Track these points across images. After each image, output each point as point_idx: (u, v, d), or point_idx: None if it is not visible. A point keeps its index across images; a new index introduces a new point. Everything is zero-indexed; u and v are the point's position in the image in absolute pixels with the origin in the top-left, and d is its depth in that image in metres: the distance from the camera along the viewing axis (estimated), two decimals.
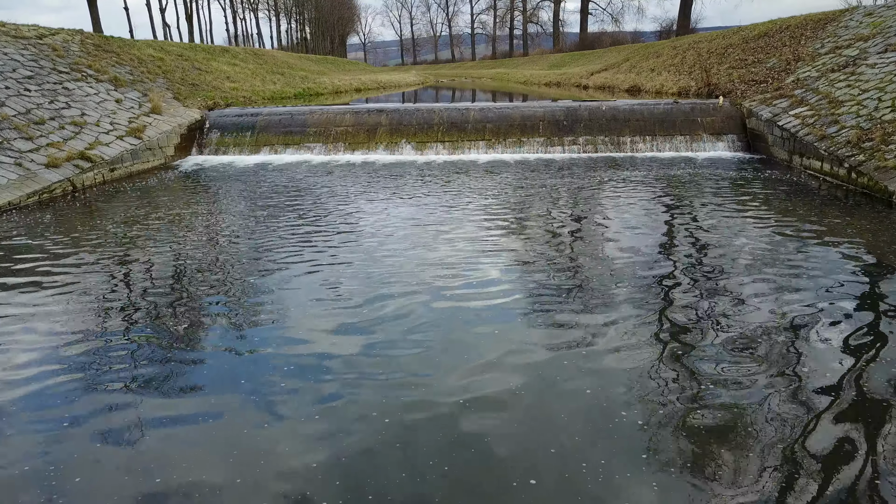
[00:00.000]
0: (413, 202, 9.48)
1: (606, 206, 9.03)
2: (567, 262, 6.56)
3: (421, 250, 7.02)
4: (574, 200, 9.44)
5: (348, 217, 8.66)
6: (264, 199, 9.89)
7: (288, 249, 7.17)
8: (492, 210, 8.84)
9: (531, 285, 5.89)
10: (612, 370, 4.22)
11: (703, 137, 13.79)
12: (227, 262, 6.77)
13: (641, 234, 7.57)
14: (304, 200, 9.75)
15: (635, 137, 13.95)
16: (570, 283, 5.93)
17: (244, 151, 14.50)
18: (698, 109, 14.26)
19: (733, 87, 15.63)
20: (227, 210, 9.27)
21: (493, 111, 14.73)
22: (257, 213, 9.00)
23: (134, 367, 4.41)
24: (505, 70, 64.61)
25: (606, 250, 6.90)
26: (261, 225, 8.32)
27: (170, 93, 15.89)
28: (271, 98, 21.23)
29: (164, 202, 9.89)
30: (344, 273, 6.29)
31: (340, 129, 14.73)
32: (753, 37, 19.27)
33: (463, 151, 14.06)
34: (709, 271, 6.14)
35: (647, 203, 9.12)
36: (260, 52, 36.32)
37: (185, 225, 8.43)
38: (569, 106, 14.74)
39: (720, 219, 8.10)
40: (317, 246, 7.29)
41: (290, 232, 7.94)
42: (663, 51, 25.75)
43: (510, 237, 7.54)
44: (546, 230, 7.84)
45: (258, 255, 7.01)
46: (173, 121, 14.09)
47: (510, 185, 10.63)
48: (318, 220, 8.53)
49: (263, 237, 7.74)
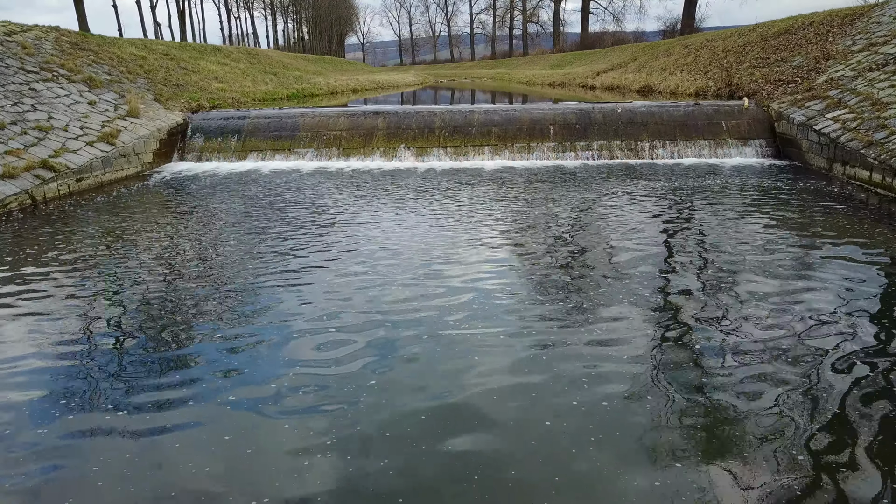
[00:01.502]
0: (413, 219, 8.36)
1: (627, 225, 7.90)
2: (584, 294, 5.46)
3: (422, 275, 5.96)
4: (591, 218, 8.31)
5: (341, 236, 7.54)
6: (248, 214, 8.77)
7: (274, 272, 6.15)
8: (500, 231, 7.72)
9: (541, 319, 4.82)
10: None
11: (729, 142, 12.68)
12: (203, 290, 5.70)
13: (671, 262, 6.45)
14: (292, 215, 8.63)
15: (654, 142, 12.84)
16: (587, 318, 4.82)
17: (230, 158, 13.38)
18: (722, 112, 13.15)
19: (757, 87, 14.52)
20: (205, 227, 8.14)
21: (499, 113, 13.62)
22: (240, 230, 7.88)
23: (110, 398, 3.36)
24: (505, 70, 63.52)
25: (630, 281, 5.79)
26: (243, 245, 7.21)
27: (151, 94, 14.77)
28: (262, 99, 20.11)
29: (135, 216, 8.77)
30: (337, 299, 5.54)
31: (334, 134, 13.61)
32: (773, 34, 18.17)
33: (467, 157, 12.94)
34: (753, 306, 5.04)
35: (674, 222, 8.00)
36: (254, 52, 35.20)
37: (158, 243, 7.33)
38: (581, 108, 13.63)
39: (761, 240, 6.98)
40: (307, 267, 6.38)
41: (276, 253, 6.86)
42: (674, 49, 24.64)
43: (521, 264, 6.43)
44: (559, 257, 6.71)
45: (240, 279, 5.92)
46: (152, 124, 12.96)
47: (519, 198, 9.51)
48: (308, 239, 7.46)
49: (246, 259, 6.64)
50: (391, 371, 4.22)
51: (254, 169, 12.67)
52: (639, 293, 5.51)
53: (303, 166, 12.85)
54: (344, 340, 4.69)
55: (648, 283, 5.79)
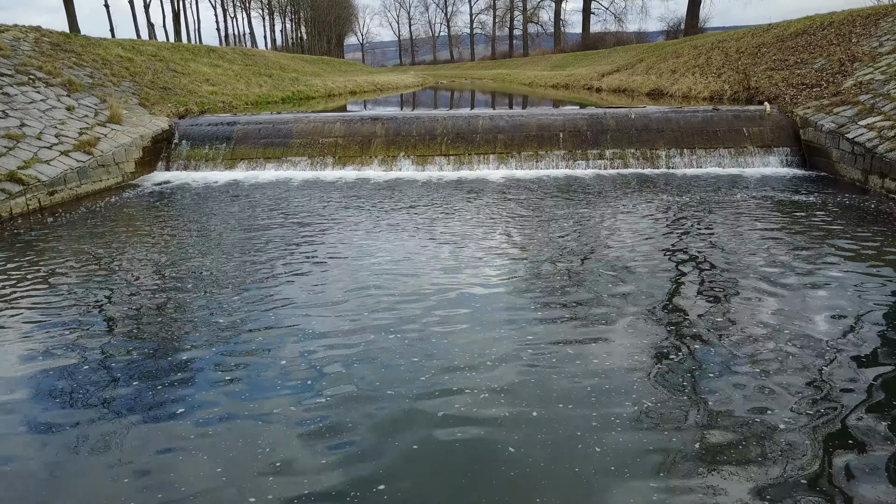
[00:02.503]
0: (414, 237, 7.54)
1: (645, 250, 7.07)
2: (593, 321, 4.68)
3: (421, 295, 5.43)
4: (605, 240, 7.48)
5: (335, 256, 6.73)
6: (235, 231, 7.95)
7: (262, 296, 5.49)
8: (507, 255, 6.90)
9: (547, 345, 4.05)
10: None
11: (751, 150, 11.86)
12: (187, 314, 5.05)
13: (690, 292, 5.63)
14: (283, 232, 7.81)
15: (671, 150, 12.03)
16: (596, 348, 4.03)
17: (218, 166, 12.56)
18: (743, 117, 12.34)
19: (778, 91, 13.72)
20: (187, 245, 7.31)
21: (505, 119, 12.81)
22: (224, 250, 7.06)
23: None
24: (506, 71, 62.73)
25: (645, 311, 4.99)
26: (228, 267, 6.40)
27: (135, 98, 13.95)
28: (255, 103, 19.27)
29: (111, 233, 7.96)
30: (332, 317, 5.26)
31: (329, 141, 12.79)
32: (790, 35, 17.36)
33: (471, 167, 12.12)
34: (783, 345, 4.24)
35: (698, 246, 7.17)
36: (250, 52, 34.38)
37: (135, 263, 6.58)
38: (592, 113, 12.81)
39: (798, 268, 6.15)
40: (300, 286, 5.90)
41: (265, 275, 6.07)
42: (683, 51, 23.81)
43: (528, 288, 5.66)
44: (570, 281, 5.89)
45: (226, 305, 5.19)
46: (135, 131, 12.14)
47: (527, 216, 8.70)
48: (300, 258, 6.69)
49: (232, 282, 5.86)
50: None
51: (243, 179, 11.85)
52: (654, 326, 4.73)
53: (295, 176, 12.03)
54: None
55: (664, 315, 4.98)
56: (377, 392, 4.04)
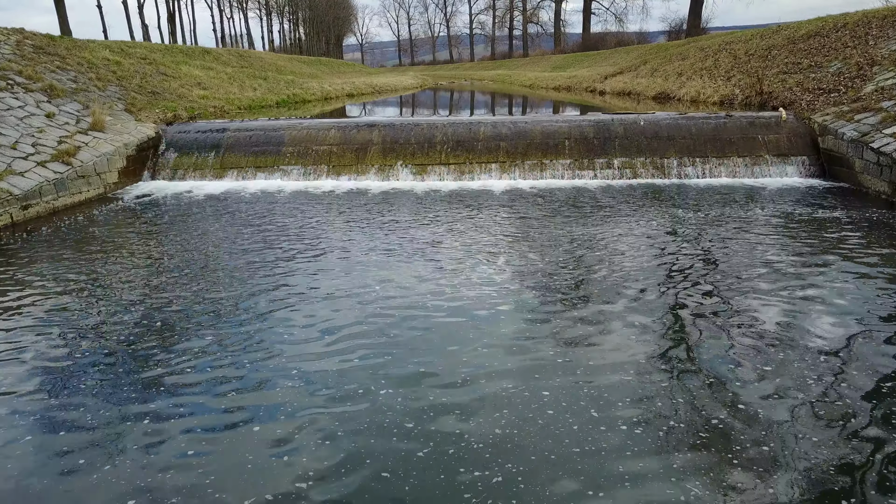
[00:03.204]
0: (411, 258, 6.93)
1: (659, 273, 6.48)
2: (599, 348, 4.08)
3: (418, 327, 4.95)
4: (617, 261, 6.88)
5: (328, 273, 6.15)
6: (218, 249, 7.35)
7: (248, 325, 5.04)
8: (512, 276, 6.31)
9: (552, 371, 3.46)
10: None
11: (767, 159, 11.27)
12: (161, 352, 4.48)
13: (704, 323, 5.04)
14: (272, 249, 7.22)
15: (683, 159, 11.43)
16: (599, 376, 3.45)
17: (207, 176, 11.96)
18: (758, 124, 11.74)
19: (794, 96, 13.12)
20: (167, 266, 6.71)
21: (508, 126, 12.21)
22: (207, 271, 6.46)
23: None
24: (506, 72, 62.12)
25: (657, 339, 4.40)
26: (215, 286, 5.82)
27: (121, 103, 13.34)
28: (248, 107, 18.66)
29: (85, 252, 7.37)
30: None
31: (323, 149, 12.19)
32: (801, 36, 16.77)
33: (472, 177, 11.53)
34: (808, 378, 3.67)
35: (718, 270, 6.58)
36: (246, 54, 33.77)
37: (105, 288, 6.04)
38: (599, 119, 12.22)
39: (829, 299, 5.57)
40: (291, 306, 5.54)
41: (250, 302, 5.50)
42: (689, 52, 23.20)
43: (533, 314, 5.06)
44: (578, 308, 5.30)
45: (207, 334, 4.64)
46: (118, 139, 11.54)
47: (531, 232, 8.11)
48: (290, 276, 6.20)
49: (218, 302, 5.29)
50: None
51: (233, 189, 11.25)
52: (666, 362, 4.14)
53: (287, 186, 11.43)
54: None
55: (677, 352, 4.38)
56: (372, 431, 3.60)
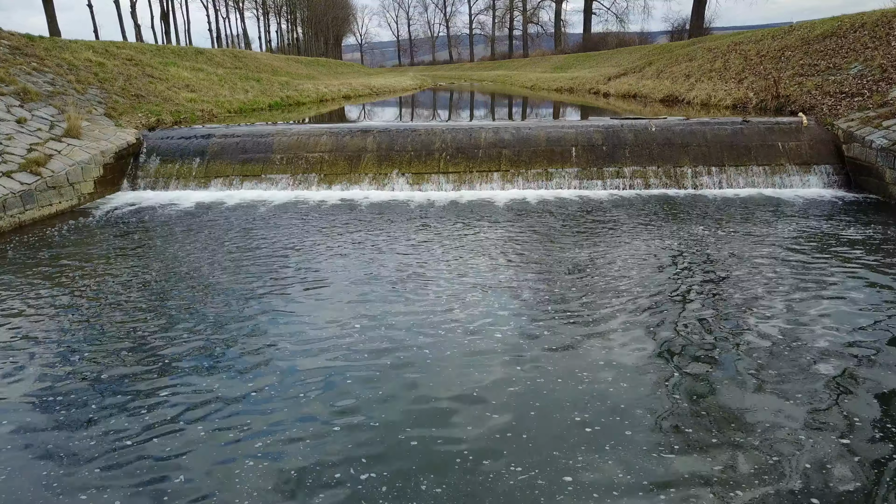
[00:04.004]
0: (407, 279, 6.21)
1: (673, 301, 5.76)
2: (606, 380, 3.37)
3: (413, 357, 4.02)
4: (627, 285, 6.16)
5: (318, 301, 5.42)
6: (199, 268, 6.62)
7: (230, 355, 4.37)
8: (514, 304, 5.58)
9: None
10: None
11: (787, 168, 10.55)
12: (130, 383, 3.82)
13: (736, 363, 4.32)
14: (255, 267, 6.49)
15: (698, 167, 10.71)
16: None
17: (190, 185, 11.23)
18: (777, 130, 11.02)
19: (813, 100, 12.40)
20: (140, 288, 5.99)
21: (511, 132, 11.49)
22: (186, 294, 5.73)
23: None
24: (506, 72, 61.42)
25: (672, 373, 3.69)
26: (195, 311, 5.09)
27: (102, 107, 12.61)
28: (239, 110, 17.92)
29: (50, 272, 6.64)
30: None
31: (314, 156, 11.46)
32: (816, 37, 16.04)
33: (472, 186, 10.80)
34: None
35: (739, 298, 5.85)
36: (241, 54, 33.03)
37: (70, 314, 5.33)
38: (608, 125, 11.49)
39: (867, 333, 4.86)
40: (276, 345, 4.78)
41: (232, 329, 4.80)
42: (696, 53, 22.47)
43: (537, 342, 4.33)
44: (588, 335, 4.58)
45: (185, 363, 3.90)
46: (95, 146, 10.81)
47: (536, 250, 7.38)
48: (276, 300, 5.44)
49: (193, 337, 4.58)
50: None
51: (217, 200, 10.52)
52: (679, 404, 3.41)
53: (275, 196, 10.70)
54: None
55: (693, 399, 3.66)
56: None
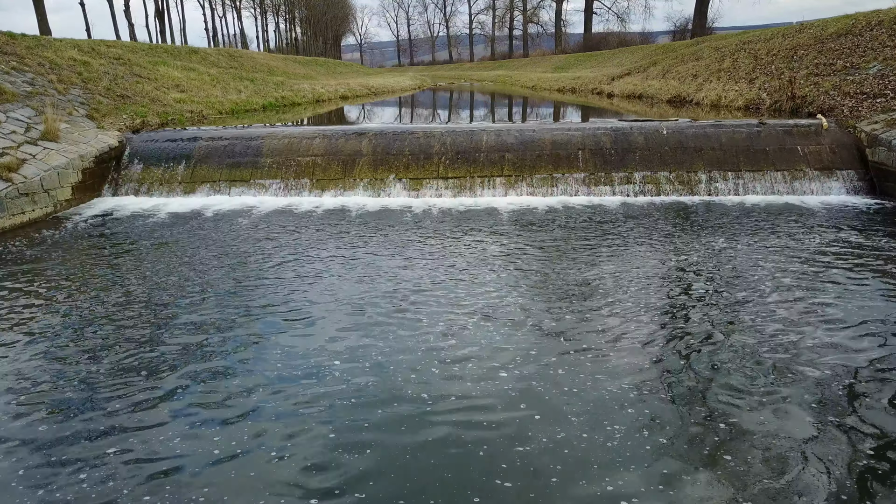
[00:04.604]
0: (403, 299, 5.60)
1: (689, 324, 5.16)
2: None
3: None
4: (639, 305, 5.56)
5: (297, 331, 4.81)
6: (178, 286, 6.01)
7: (208, 382, 3.68)
8: (517, 324, 4.98)
9: None
10: None
11: (808, 174, 9.95)
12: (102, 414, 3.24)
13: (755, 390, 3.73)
14: (239, 286, 5.88)
15: (712, 173, 10.11)
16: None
17: (175, 191, 10.63)
18: (796, 133, 10.42)
19: (832, 101, 11.80)
20: (112, 308, 5.38)
21: (514, 135, 10.88)
22: (161, 315, 5.12)
23: None
24: (506, 72, 60.83)
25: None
26: (168, 330, 4.48)
27: (84, 108, 12.01)
28: (231, 111, 17.30)
29: (16, 288, 6.04)
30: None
31: (306, 160, 10.86)
32: (830, 35, 15.45)
33: (473, 192, 10.20)
34: None
35: (762, 320, 5.25)
36: (237, 54, 32.43)
37: (42, 327, 4.65)
38: (616, 128, 10.89)
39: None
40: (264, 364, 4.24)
41: (211, 355, 4.16)
42: (703, 53, 21.87)
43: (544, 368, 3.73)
44: (594, 359, 3.98)
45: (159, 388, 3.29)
46: (73, 150, 10.20)
47: (540, 263, 6.77)
48: (264, 321, 4.83)
49: (169, 361, 3.93)
50: None
51: (204, 207, 9.92)
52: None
53: (265, 203, 10.11)
54: None
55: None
56: None
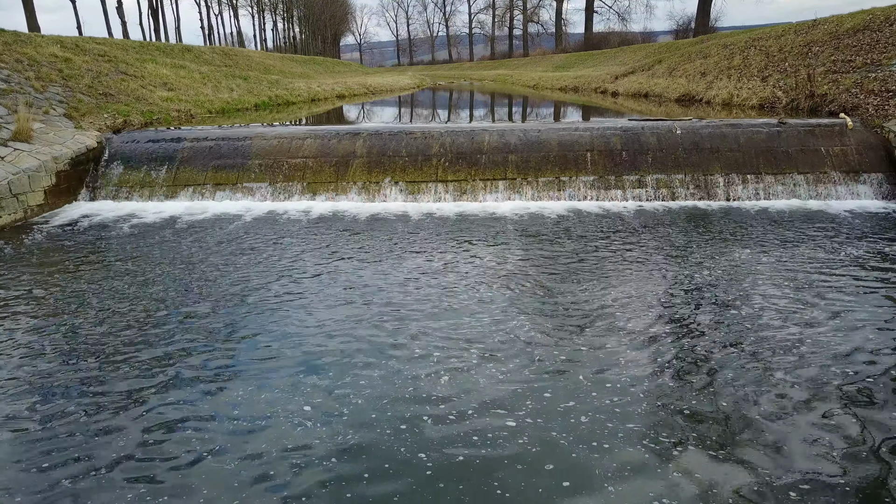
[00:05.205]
0: (390, 326, 4.95)
1: (712, 352, 4.50)
2: None
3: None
4: (653, 331, 4.90)
5: (295, 340, 4.16)
6: (155, 303, 5.35)
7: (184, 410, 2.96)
8: (525, 353, 4.32)
9: None
10: None
11: (833, 177, 9.29)
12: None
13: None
14: (220, 305, 5.22)
15: (730, 176, 9.45)
16: None
17: (156, 195, 9.96)
18: (819, 134, 9.76)
19: (855, 99, 11.15)
20: (82, 318, 4.72)
21: (518, 135, 10.23)
22: (135, 337, 4.47)
23: None
24: (507, 72, 60.16)
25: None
26: (141, 365, 3.83)
27: (62, 107, 11.34)
28: (221, 111, 16.62)
29: None
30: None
31: (297, 162, 10.20)
32: (846, 31, 14.79)
33: (475, 196, 9.54)
34: None
35: (791, 344, 4.59)
36: (232, 52, 31.76)
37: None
38: (627, 127, 10.23)
39: None
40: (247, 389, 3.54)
41: (187, 381, 3.50)
42: (710, 50, 21.20)
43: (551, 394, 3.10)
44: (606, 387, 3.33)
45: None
46: (47, 151, 9.54)
47: (548, 281, 6.11)
48: (248, 344, 4.13)
49: (145, 387, 3.29)
50: None
51: (185, 213, 9.26)
52: None
53: (252, 208, 9.45)
54: None
55: None
56: None
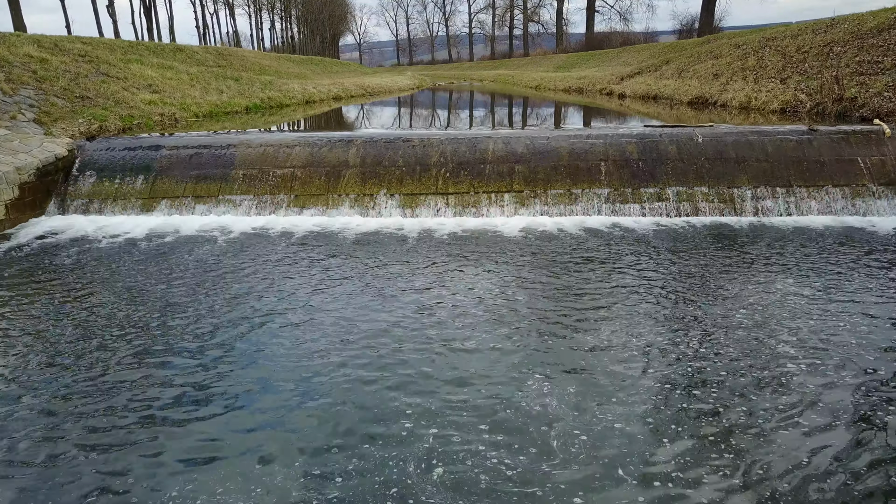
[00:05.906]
0: (380, 366, 4.13)
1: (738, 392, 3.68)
2: None
3: None
4: (678, 368, 4.08)
5: (282, 370, 3.35)
6: (119, 324, 4.53)
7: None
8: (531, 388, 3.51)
9: None
10: None
11: (872, 190, 8.48)
12: None
13: None
14: (195, 338, 4.40)
15: (758, 189, 8.63)
16: None
17: (131, 208, 9.15)
18: (854, 142, 8.95)
19: (889, 103, 10.33)
20: (41, 350, 3.92)
21: (524, 143, 9.41)
22: (101, 371, 3.67)
23: None
24: (507, 72, 59.35)
25: None
26: (107, 400, 3.04)
27: (32, 111, 10.52)
28: (210, 114, 15.80)
29: None
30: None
31: (284, 172, 9.38)
32: (870, 30, 13.99)
33: (478, 211, 8.73)
34: None
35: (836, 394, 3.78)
36: (227, 52, 30.94)
37: None
38: (643, 134, 9.42)
39: None
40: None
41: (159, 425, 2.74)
42: (722, 50, 20.38)
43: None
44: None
45: None
46: (10, 161, 8.72)
47: (559, 306, 5.29)
48: (231, 381, 3.34)
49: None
50: None
51: (161, 228, 8.44)
52: None
53: (235, 224, 8.62)
54: None
55: None
56: None
